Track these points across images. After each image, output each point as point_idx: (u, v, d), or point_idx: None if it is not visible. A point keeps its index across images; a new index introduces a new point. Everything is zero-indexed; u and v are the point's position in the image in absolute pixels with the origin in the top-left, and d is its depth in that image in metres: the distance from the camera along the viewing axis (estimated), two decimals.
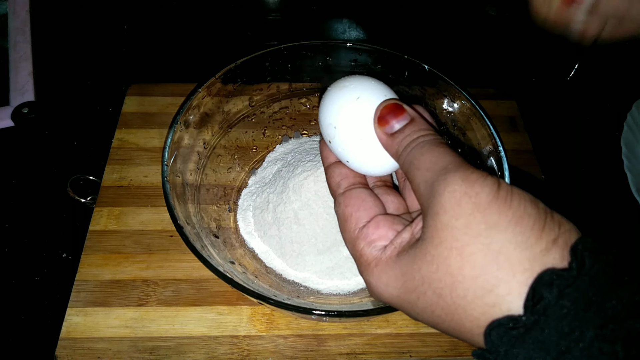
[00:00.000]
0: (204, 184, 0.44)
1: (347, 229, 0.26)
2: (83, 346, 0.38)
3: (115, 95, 0.54)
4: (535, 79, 0.63)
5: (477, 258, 0.19)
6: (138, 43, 0.63)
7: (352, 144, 0.27)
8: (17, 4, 0.63)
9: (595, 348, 0.17)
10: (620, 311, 0.17)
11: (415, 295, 0.21)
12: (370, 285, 0.24)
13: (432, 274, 0.21)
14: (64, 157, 0.51)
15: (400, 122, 0.25)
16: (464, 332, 0.21)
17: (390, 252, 0.23)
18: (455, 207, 0.20)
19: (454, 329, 0.21)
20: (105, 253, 0.43)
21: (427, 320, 0.22)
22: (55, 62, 0.60)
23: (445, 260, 0.20)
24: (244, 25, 0.66)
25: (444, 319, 0.21)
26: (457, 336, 0.21)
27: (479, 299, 0.19)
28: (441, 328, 0.22)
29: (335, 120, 0.27)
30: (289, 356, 0.38)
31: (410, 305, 0.22)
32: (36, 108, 0.54)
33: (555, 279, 0.18)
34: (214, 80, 0.42)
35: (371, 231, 0.25)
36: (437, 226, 0.21)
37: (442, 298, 0.20)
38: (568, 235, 0.19)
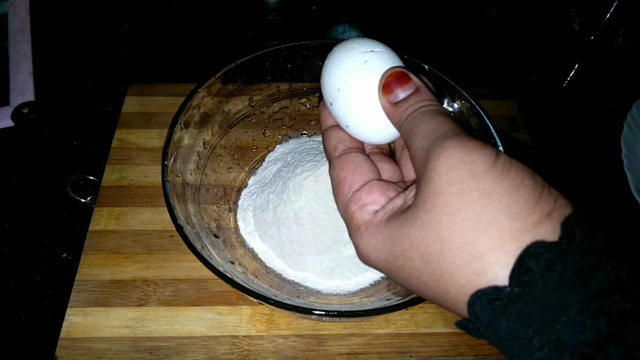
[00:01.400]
0: (204, 184, 0.44)
1: (340, 192, 0.26)
2: (83, 346, 0.38)
3: (115, 95, 0.54)
4: (535, 79, 0.63)
5: (467, 225, 0.19)
6: (138, 43, 0.63)
7: (354, 108, 0.26)
8: (17, 4, 0.63)
9: (578, 322, 0.17)
10: (606, 286, 0.17)
11: (402, 259, 0.21)
12: (358, 248, 0.24)
13: (421, 239, 0.20)
14: (64, 157, 0.51)
15: (405, 91, 0.25)
16: (448, 300, 0.20)
17: (380, 216, 0.23)
18: (450, 173, 0.20)
19: (439, 297, 0.21)
20: (105, 253, 0.43)
21: (413, 286, 0.22)
22: (55, 62, 0.60)
23: (436, 226, 0.20)
24: (244, 25, 0.66)
25: (429, 285, 0.21)
26: (441, 304, 0.21)
27: (466, 265, 0.19)
28: (426, 295, 0.21)
29: (340, 82, 0.26)
30: (289, 356, 0.38)
31: (397, 269, 0.22)
32: (36, 108, 0.54)
33: (544, 252, 0.18)
34: (214, 80, 0.42)
35: (364, 195, 0.24)
36: (429, 191, 0.20)
37: (430, 264, 0.20)
38: (563, 210, 0.19)
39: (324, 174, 0.40)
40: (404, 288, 0.24)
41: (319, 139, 0.47)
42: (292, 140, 0.49)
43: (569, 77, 0.63)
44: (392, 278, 0.23)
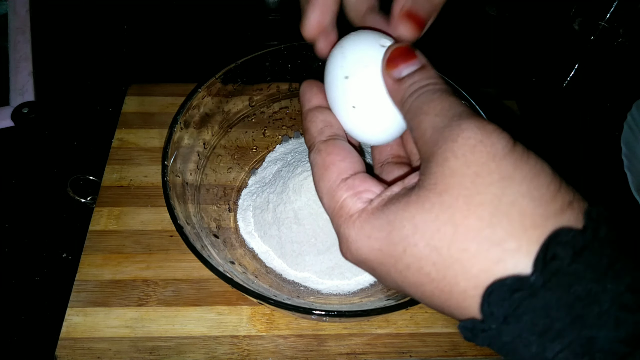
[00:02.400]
0: (204, 184, 0.44)
1: (325, 178, 0.23)
2: (83, 346, 0.38)
3: (115, 95, 0.54)
4: (535, 79, 0.63)
5: (486, 208, 0.17)
6: (138, 43, 0.63)
7: (366, 101, 0.25)
8: (17, 4, 0.63)
9: (611, 316, 0.15)
10: (638, 280, 0.16)
11: (402, 247, 0.19)
12: (347, 240, 0.21)
13: (429, 223, 0.18)
14: (64, 157, 0.51)
15: (410, 67, 0.23)
16: (454, 295, 0.18)
17: (377, 203, 0.21)
18: (468, 154, 0.18)
19: (442, 292, 0.18)
20: (105, 253, 0.43)
21: (410, 281, 0.19)
22: (55, 62, 0.60)
23: (449, 208, 0.18)
24: (244, 25, 0.66)
25: (432, 278, 0.18)
26: (441, 303, 0.19)
27: (483, 252, 0.17)
28: (424, 291, 0.19)
29: (351, 70, 0.25)
30: (289, 356, 0.38)
31: (393, 260, 0.19)
32: (36, 108, 0.54)
33: (571, 240, 0.16)
34: (214, 80, 0.42)
35: (357, 183, 0.22)
36: (444, 172, 0.18)
37: (437, 250, 0.18)
38: (582, 202, 0.18)
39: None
40: (394, 289, 0.21)
41: None
42: (292, 140, 0.49)
43: (569, 77, 0.63)
44: (383, 274, 0.21)
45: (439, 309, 0.19)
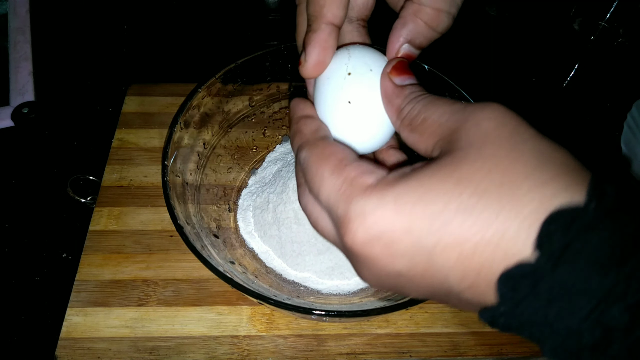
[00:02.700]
0: (204, 184, 0.44)
1: (329, 162, 0.22)
2: (83, 346, 0.38)
3: (115, 95, 0.54)
4: (535, 79, 0.63)
5: (530, 156, 0.18)
6: (138, 43, 0.63)
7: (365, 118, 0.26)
8: (17, 4, 0.63)
9: None
10: None
11: (441, 205, 0.18)
12: (362, 212, 0.19)
13: (475, 173, 0.18)
14: (64, 157, 0.51)
15: (411, 79, 0.24)
16: (505, 238, 0.17)
17: (398, 174, 0.20)
18: (500, 117, 0.19)
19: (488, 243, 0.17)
20: (105, 253, 0.43)
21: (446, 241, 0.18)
22: (55, 62, 0.60)
23: (493, 157, 0.18)
24: (244, 25, 0.66)
25: (476, 230, 0.17)
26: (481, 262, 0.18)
27: (535, 190, 0.17)
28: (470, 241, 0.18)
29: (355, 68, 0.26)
30: (289, 356, 0.38)
31: (427, 224, 0.18)
32: (36, 108, 0.54)
33: (619, 180, 0.17)
34: (214, 80, 0.42)
35: (364, 164, 0.21)
36: (479, 133, 0.19)
37: (487, 195, 0.17)
38: None
39: None
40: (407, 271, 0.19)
41: None
42: None
43: (569, 77, 0.63)
44: (406, 247, 0.19)
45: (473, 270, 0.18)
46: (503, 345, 0.39)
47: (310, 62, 0.26)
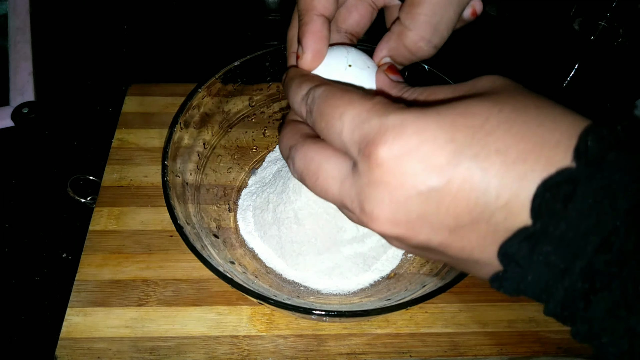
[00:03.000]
0: (204, 184, 0.44)
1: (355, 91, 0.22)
2: (83, 346, 0.38)
3: (115, 95, 0.54)
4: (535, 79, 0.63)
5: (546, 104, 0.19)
6: (138, 43, 0.63)
7: None
8: (17, 4, 0.63)
9: None
10: None
11: (484, 117, 0.19)
12: (403, 121, 0.19)
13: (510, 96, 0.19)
14: (64, 157, 0.51)
15: (402, 80, 0.26)
16: (547, 148, 0.18)
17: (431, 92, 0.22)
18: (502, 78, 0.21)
19: (535, 145, 0.18)
20: (105, 253, 0.43)
21: (492, 150, 0.18)
22: (55, 62, 0.60)
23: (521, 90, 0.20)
24: (244, 25, 0.66)
25: (524, 135, 0.18)
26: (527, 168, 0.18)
27: (567, 113, 0.19)
28: (513, 150, 0.18)
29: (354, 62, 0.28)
30: (289, 356, 0.38)
31: (472, 131, 0.18)
32: (36, 108, 0.54)
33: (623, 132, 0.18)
34: (214, 80, 0.42)
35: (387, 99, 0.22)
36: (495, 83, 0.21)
37: (526, 112, 0.19)
38: None
39: None
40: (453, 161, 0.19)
41: None
42: None
43: (569, 77, 0.63)
44: (449, 156, 0.18)
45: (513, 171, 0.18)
46: (503, 346, 0.39)
47: (308, 53, 0.27)
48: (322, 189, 0.23)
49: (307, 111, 0.24)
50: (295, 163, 0.24)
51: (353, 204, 0.21)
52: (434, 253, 0.21)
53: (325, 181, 0.23)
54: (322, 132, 0.23)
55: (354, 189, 0.21)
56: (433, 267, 0.39)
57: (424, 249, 0.21)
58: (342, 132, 0.21)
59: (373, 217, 0.20)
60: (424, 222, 0.20)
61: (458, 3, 0.26)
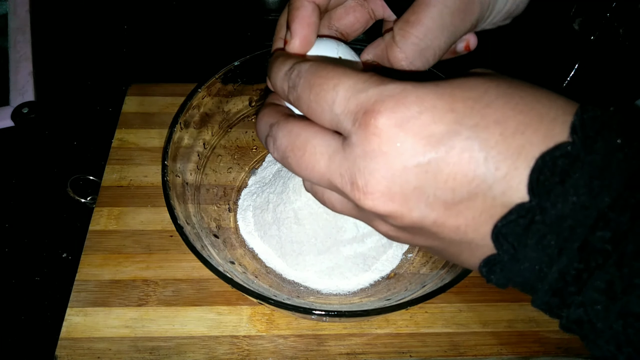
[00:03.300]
0: (204, 184, 0.44)
1: (345, 67, 0.21)
2: (83, 346, 0.38)
3: (115, 95, 0.54)
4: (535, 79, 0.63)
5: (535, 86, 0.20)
6: (138, 43, 0.63)
7: None
8: (17, 4, 0.63)
9: None
10: None
11: (483, 90, 0.19)
12: (403, 89, 0.19)
13: (503, 78, 0.20)
14: (64, 157, 0.51)
15: None
16: (545, 122, 0.18)
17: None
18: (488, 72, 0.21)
19: (533, 118, 0.18)
20: (105, 253, 0.43)
21: (492, 120, 0.18)
22: (55, 62, 0.60)
23: (508, 77, 0.20)
24: (244, 25, 0.66)
25: (523, 107, 0.18)
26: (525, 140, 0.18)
27: (558, 97, 0.19)
28: (513, 120, 0.18)
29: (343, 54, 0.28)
30: (289, 356, 0.38)
31: (472, 102, 0.18)
32: (36, 108, 0.54)
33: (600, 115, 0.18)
34: (214, 80, 0.42)
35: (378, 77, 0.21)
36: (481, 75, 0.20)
37: (523, 89, 0.19)
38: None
39: None
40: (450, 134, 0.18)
41: None
42: None
43: (569, 77, 0.63)
44: (449, 125, 0.18)
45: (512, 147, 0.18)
46: (503, 346, 0.39)
47: (296, 39, 0.26)
48: (307, 166, 0.21)
49: (289, 86, 0.22)
50: (278, 140, 0.23)
51: (343, 180, 0.20)
52: (425, 236, 0.21)
53: (312, 157, 0.21)
54: (308, 106, 0.21)
55: (346, 163, 0.20)
56: (433, 267, 0.39)
57: (416, 231, 0.20)
58: (335, 102, 0.20)
59: (367, 190, 0.19)
60: (420, 196, 0.19)
61: (451, 34, 0.26)
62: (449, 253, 0.22)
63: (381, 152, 0.19)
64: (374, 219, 0.22)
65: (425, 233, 0.20)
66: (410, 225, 0.20)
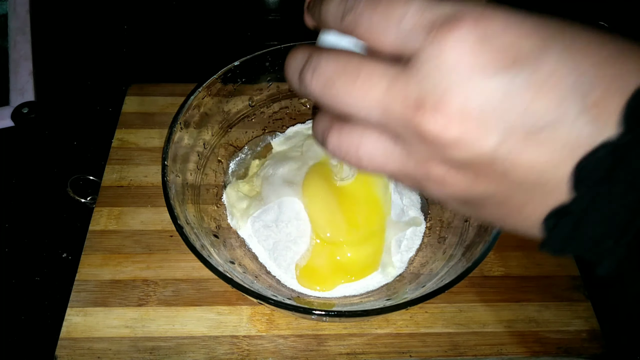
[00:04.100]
0: (204, 184, 0.44)
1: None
2: (83, 346, 0.38)
3: (115, 95, 0.54)
4: None
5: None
6: (138, 43, 0.63)
7: None
8: (17, 4, 0.63)
9: None
10: None
11: (567, 22, 0.17)
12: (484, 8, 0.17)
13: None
14: (64, 157, 0.51)
15: None
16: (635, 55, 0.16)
17: None
18: None
19: (622, 50, 0.16)
20: (105, 253, 0.43)
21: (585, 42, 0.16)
22: (55, 62, 0.60)
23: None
24: (244, 25, 0.66)
25: (608, 39, 0.16)
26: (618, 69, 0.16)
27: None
28: (607, 48, 0.16)
29: None
30: (289, 356, 0.38)
31: (561, 26, 0.17)
32: (36, 108, 0.54)
33: None
34: (214, 80, 0.42)
35: None
36: None
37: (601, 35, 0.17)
38: None
39: None
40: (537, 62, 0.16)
41: None
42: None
43: None
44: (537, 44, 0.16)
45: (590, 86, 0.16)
46: (503, 346, 0.39)
47: None
48: (360, 92, 0.18)
49: (345, 10, 0.19)
50: (320, 67, 0.19)
51: (405, 104, 0.17)
52: (490, 177, 0.18)
53: (367, 81, 0.18)
54: (369, 26, 0.18)
55: (412, 84, 0.17)
56: (433, 268, 0.39)
57: (482, 168, 0.17)
58: (405, 17, 0.17)
59: (437, 108, 0.16)
60: (499, 119, 0.16)
61: None
62: (509, 207, 0.18)
63: (458, 67, 0.16)
64: (430, 160, 0.18)
65: (492, 172, 0.17)
66: (479, 156, 0.17)
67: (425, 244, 0.43)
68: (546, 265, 0.43)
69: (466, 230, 0.39)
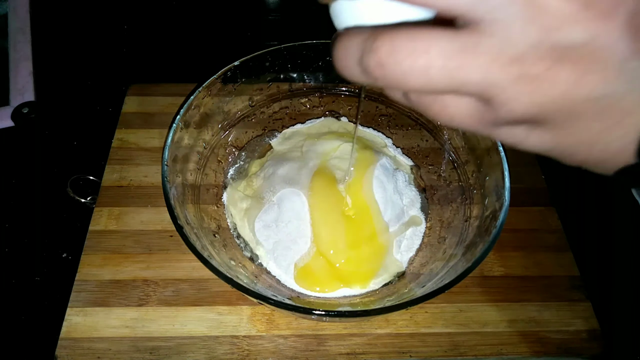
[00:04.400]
0: (204, 184, 0.44)
1: None
2: (83, 346, 0.38)
3: (115, 95, 0.54)
4: None
5: None
6: (138, 43, 0.63)
7: None
8: (17, 4, 0.63)
9: None
10: None
11: None
12: None
13: None
14: (64, 157, 0.51)
15: None
16: None
17: None
18: None
19: None
20: (105, 253, 0.43)
21: None
22: (55, 62, 0.60)
23: None
24: (244, 25, 0.66)
25: None
26: None
27: None
28: None
29: None
30: (289, 356, 0.38)
31: None
32: (36, 108, 0.54)
33: None
34: (214, 80, 0.42)
35: None
36: None
37: None
38: None
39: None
40: None
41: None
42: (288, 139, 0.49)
43: None
44: None
45: None
46: (503, 346, 0.39)
47: None
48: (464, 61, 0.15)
49: None
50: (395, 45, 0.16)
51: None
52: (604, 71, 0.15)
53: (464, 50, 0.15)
54: None
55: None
56: (433, 268, 0.39)
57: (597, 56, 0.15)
58: None
59: None
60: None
61: None
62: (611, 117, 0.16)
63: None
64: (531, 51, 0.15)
65: (608, 67, 0.15)
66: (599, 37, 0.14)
67: (425, 244, 0.43)
68: (546, 265, 0.43)
69: (466, 230, 0.39)
